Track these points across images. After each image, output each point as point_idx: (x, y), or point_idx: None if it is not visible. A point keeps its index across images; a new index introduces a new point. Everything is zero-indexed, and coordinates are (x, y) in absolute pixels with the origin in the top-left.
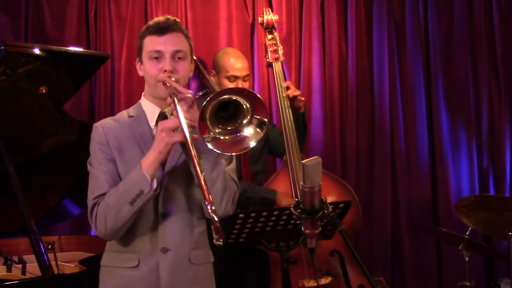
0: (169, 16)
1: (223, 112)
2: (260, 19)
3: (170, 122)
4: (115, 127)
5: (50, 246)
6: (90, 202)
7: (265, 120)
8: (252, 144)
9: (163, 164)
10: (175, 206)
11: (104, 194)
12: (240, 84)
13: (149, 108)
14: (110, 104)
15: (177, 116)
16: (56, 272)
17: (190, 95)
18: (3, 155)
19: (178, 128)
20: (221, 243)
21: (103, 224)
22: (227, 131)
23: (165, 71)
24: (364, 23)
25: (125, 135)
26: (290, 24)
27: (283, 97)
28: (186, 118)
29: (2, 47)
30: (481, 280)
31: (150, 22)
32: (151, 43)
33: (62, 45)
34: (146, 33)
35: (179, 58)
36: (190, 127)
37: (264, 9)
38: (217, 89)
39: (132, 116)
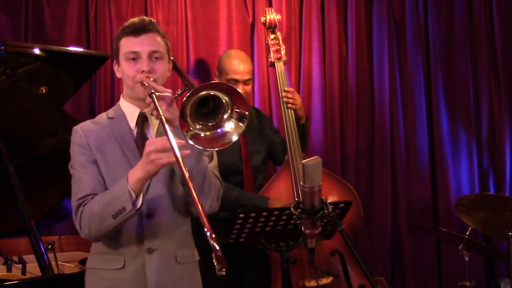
0: (144, 17)
1: (203, 108)
2: (262, 18)
3: (157, 143)
4: (95, 129)
5: (50, 246)
6: (74, 204)
7: (246, 113)
8: (234, 138)
9: None
10: (159, 206)
11: (88, 195)
12: (241, 88)
13: (129, 109)
14: (110, 104)
15: (161, 123)
16: (56, 272)
17: (169, 94)
18: (3, 155)
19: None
20: (223, 273)
21: (87, 228)
22: (208, 127)
23: (142, 71)
24: (364, 23)
25: (105, 136)
26: (290, 24)
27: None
28: (165, 117)
29: (2, 47)
30: (481, 280)
31: (126, 23)
32: (128, 44)
33: (62, 45)
34: (122, 34)
35: (156, 58)
36: (171, 126)
37: (266, 8)
38: (195, 85)
39: (111, 118)
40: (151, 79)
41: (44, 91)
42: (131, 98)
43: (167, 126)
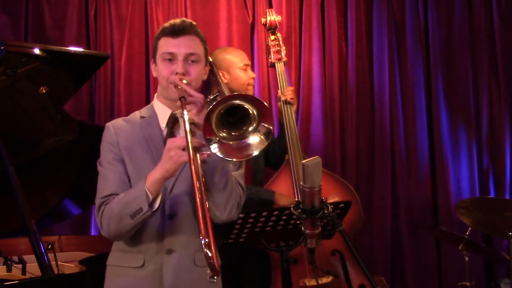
0: (185, 19)
1: (230, 117)
2: (263, 20)
3: (179, 141)
4: (126, 128)
5: (50, 246)
6: (97, 201)
7: (271, 128)
8: (256, 152)
9: None
10: (182, 208)
11: (112, 194)
12: (250, 71)
13: (161, 110)
14: (110, 104)
15: (185, 133)
16: (56, 272)
17: (200, 99)
18: (3, 155)
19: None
20: (214, 281)
21: (106, 227)
22: (232, 136)
23: (176, 73)
24: (364, 23)
25: (135, 136)
26: (290, 24)
27: (287, 108)
28: (194, 121)
29: (2, 47)
30: (481, 280)
31: (166, 24)
32: (165, 45)
33: (62, 45)
34: (161, 35)
35: (192, 61)
36: (199, 130)
37: (267, 10)
38: (227, 93)
39: (143, 117)
40: (185, 82)
41: (44, 91)
42: (165, 98)
43: (187, 127)
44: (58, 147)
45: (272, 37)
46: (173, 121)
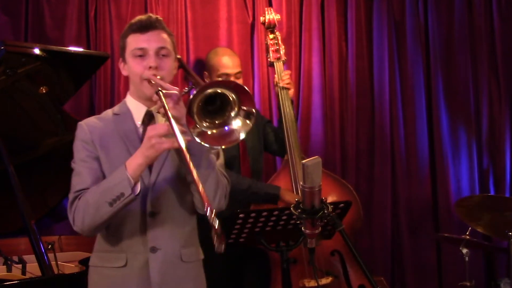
0: (151, 14)
1: (210, 106)
2: (262, 18)
3: (160, 128)
4: (100, 126)
5: (50, 246)
6: (71, 196)
7: (253, 110)
8: (242, 135)
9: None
10: (165, 204)
11: (86, 189)
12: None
13: (135, 107)
14: (110, 104)
15: (168, 120)
16: (56, 272)
17: (176, 91)
18: (3, 155)
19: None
20: (222, 250)
21: (80, 219)
22: (215, 125)
23: (150, 67)
24: (364, 23)
25: (109, 133)
26: (290, 24)
27: (284, 94)
28: (173, 115)
29: (2, 47)
30: (481, 280)
31: (133, 21)
32: (135, 41)
33: (62, 45)
34: (129, 32)
35: (163, 55)
36: (178, 124)
37: (266, 8)
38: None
39: (117, 114)
40: (158, 77)
41: (44, 91)
42: (138, 96)
43: (170, 114)
44: (58, 147)
45: (271, 36)
46: (149, 118)
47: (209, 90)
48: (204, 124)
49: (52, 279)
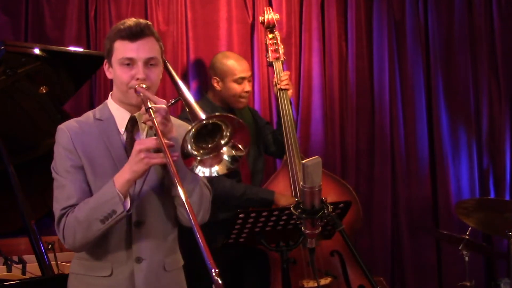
0: (140, 20)
1: (203, 129)
2: (261, 18)
3: (148, 142)
4: (82, 131)
5: (50, 246)
6: (57, 212)
7: (243, 150)
8: (228, 166)
9: None
10: (150, 214)
11: (73, 205)
12: (247, 85)
13: (118, 112)
14: None
15: (158, 137)
16: (56, 272)
17: (163, 106)
18: (3, 155)
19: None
20: None
21: (71, 237)
22: (209, 149)
23: (137, 79)
24: (364, 23)
25: (93, 140)
26: (290, 24)
27: (283, 95)
28: (161, 130)
29: (2, 47)
30: (481, 280)
31: (121, 26)
32: (123, 49)
33: (62, 45)
34: (117, 37)
35: (151, 65)
36: (166, 138)
37: (265, 8)
38: (186, 92)
39: (99, 119)
40: (144, 86)
41: (44, 91)
42: (121, 101)
43: (159, 129)
44: None
45: (270, 36)
46: (132, 124)
47: (204, 122)
48: (201, 151)
49: (52, 279)
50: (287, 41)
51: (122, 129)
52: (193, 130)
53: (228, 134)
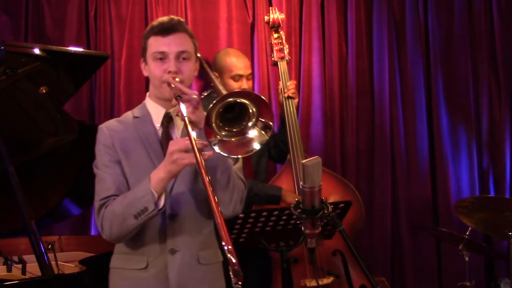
0: (173, 16)
1: (228, 113)
2: (266, 17)
3: (181, 143)
4: (120, 129)
5: (50, 246)
6: (97, 204)
7: (270, 123)
8: (257, 146)
9: None
10: (183, 207)
11: (111, 196)
12: (245, 82)
13: (154, 109)
14: (110, 104)
15: (185, 126)
16: (56, 272)
17: (195, 96)
18: (3, 155)
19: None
20: (239, 286)
21: (108, 229)
22: (233, 133)
23: (169, 72)
24: (364, 23)
25: (130, 136)
26: (290, 24)
27: (289, 103)
28: (191, 119)
29: (2, 47)
30: (481, 280)
31: (154, 23)
32: (156, 44)
33: (62, 45)
34: (150, 34)
35: (183, 59)
36: (196, 128)
37: (270, 8)
38: (222, 88)
39: (137, 117)
40: (178, 80)
41: (44, 91)
42: (157, 97)
43: (189, 128)
44: (58, 147)
45: (275, 35)
46: (168, 120)
47: (229, 99)
48: (223, 133)
49: (52, 279)
50: (287, 41)
51: (157, 124)
52: (217, 105)
53: (254, 114)
